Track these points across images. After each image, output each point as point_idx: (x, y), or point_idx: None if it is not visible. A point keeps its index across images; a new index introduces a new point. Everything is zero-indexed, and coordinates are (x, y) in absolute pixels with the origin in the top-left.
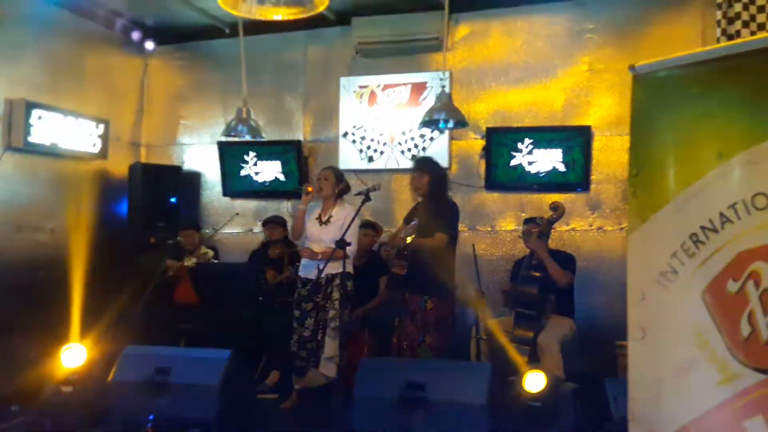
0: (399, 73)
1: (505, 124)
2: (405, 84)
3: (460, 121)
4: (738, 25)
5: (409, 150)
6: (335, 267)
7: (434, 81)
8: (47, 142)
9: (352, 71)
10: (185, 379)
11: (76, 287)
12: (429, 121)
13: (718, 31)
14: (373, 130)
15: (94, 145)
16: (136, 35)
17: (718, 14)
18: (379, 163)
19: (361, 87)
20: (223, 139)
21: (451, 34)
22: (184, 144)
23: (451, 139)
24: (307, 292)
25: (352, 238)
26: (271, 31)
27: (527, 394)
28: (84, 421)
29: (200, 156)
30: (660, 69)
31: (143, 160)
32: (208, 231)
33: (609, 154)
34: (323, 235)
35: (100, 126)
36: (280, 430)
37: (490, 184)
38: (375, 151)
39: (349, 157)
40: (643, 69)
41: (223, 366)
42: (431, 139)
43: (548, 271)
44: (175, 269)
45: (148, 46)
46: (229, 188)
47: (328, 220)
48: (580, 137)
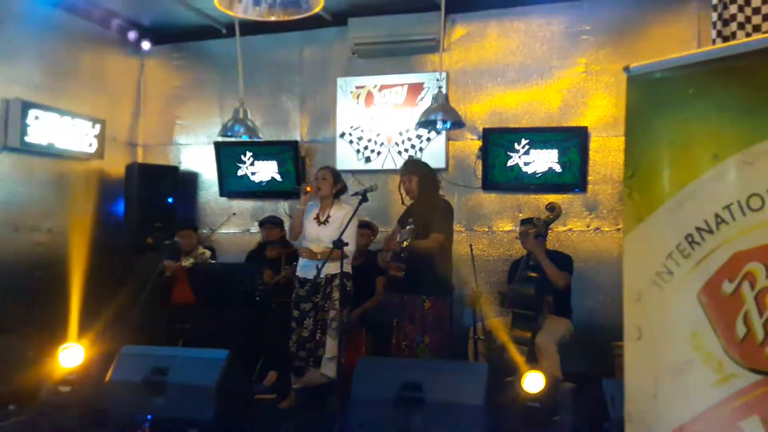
0: (396, 74)
1: (501, 125)
2: (402, 84)
3: (457, 122)
4: (733, 26)
5: (406, 151)
6: (334, 267)
7: (431, 82)
8: (44, 142)
9: (349, 72)
10: (183, 380)
11: (74, 287)
12: (426, 122)
13: (714, 33)
14: (370, 130)
15: (90, 145)
16: (132, 35)
17: (714, 16)
18: (376, 164)
19: (357, 87)
20: (220, 139)
21: (448, 34)
22: (180, 144)
23: (448, 139)
24: (305, 292)
25: (350, 238)
26: (267, 32)
27: (525, 395)
28: (81, 421)
29: (197, 156)
30: (655, 70)
31: (140, 160)
32: (205, 231)
33: (606, 155)
34: (322, 235)
35: (97, 126)
36: (277, 430)
37: (487, 185)
38: (372, 151)
39: (346, 158)
40: (638, 70)
41: (221, 366)
42: (428, 140)
43: (545, 272)
44: (173, 269)
45: (145, 46)
46: (226, 188)
47: (327, 220)
48: (576, 138)
